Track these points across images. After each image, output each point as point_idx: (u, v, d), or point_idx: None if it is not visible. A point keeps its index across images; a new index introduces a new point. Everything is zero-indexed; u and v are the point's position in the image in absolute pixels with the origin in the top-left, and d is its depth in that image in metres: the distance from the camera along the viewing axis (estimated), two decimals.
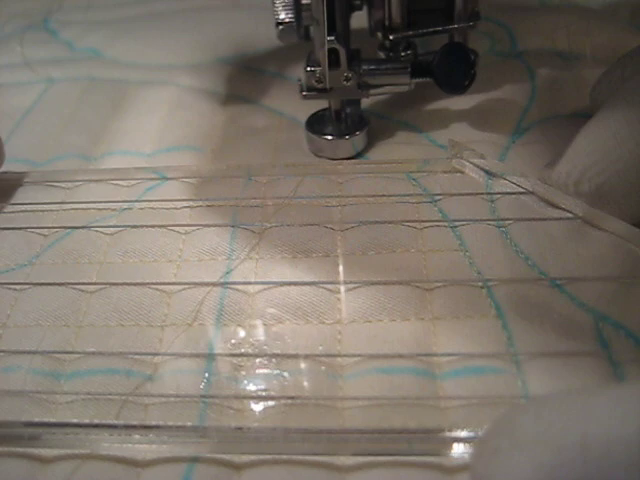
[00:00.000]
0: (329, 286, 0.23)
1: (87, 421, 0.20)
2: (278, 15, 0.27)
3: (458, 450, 0.18)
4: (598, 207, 0.23)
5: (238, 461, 0.19)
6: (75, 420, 0.20)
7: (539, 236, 0.24)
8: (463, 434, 0.18)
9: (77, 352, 0.22)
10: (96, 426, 0.20)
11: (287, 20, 0.27)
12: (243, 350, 0.21)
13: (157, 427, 0.20)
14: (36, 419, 0.20)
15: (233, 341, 0.22)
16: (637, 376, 0.19)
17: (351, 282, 0.23)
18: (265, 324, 0.22)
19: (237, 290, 0.23)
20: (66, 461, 0.19)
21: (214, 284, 0.23)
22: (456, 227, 0.24)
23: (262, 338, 0.22)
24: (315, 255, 0.24)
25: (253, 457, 0.19)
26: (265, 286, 0.23)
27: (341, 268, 0.24)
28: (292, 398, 0.20)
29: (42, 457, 0.20)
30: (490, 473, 0.15)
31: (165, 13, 0.42)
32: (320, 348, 0.21)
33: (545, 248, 0.23)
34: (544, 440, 0.14)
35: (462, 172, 0.27)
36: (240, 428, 0.19)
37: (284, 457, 0.19)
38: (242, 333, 0.22)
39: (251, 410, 0.20)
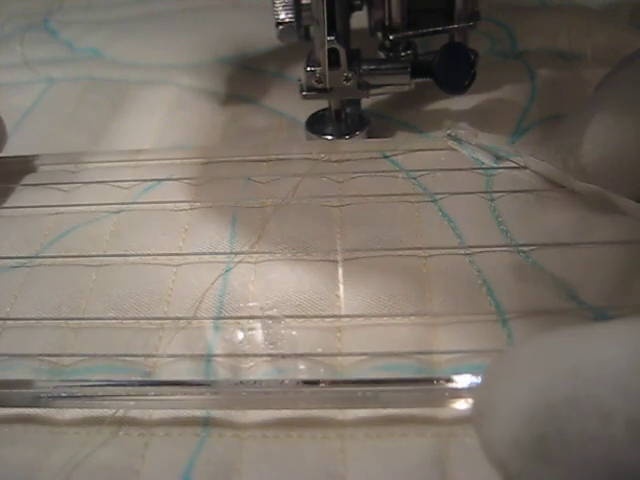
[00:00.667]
0: (329, 285, 0.23)
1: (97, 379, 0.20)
2: (278, 15, 0.27)
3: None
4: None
5: (239, 460, 0.19)
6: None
7: (530, 214, 0.24)
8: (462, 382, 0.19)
9: (77, 355, 0.22)
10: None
11: (287, 20, 0.27)
12: (243, 350, 0.21)
13: (166, 383, 0.20)
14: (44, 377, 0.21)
15: (233, 340, 0.22)
16: None
17: (351, 282, 0.23)
18: (264, 323, 0.22)
19: (237, 289, 0.23)
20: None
21: (214, 284, 0.23)
22: (457, 227, 0.24)
23: (261, 337, 0.22)
24: (315, 254, 0.24)
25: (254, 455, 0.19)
26: (265, 285, 0.23)
27: (341, 267, 0.23)
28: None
29: (55, 421, 0.20)
30: (491, 398, 0.16)
31: (165, 13, 0.42)
32: (319, 349, 0.21)
33: (537, 227, 0.24)
34: (541, 365, 0.15)
35: (456, 150, 0.27)
36: (242, 382, 0.20)
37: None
38: (241, 332, 0.22)
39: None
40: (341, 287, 0.23)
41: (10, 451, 0.20)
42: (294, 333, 0.22)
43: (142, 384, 0.20)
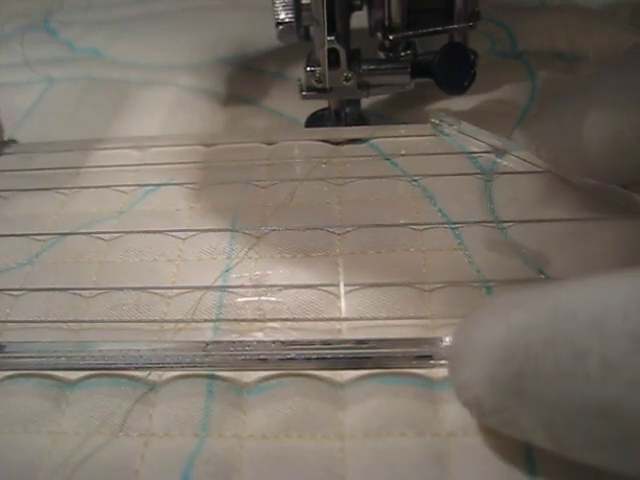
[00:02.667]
0: (328, 285, 0.23)
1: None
2: (278, 15, 0.27)
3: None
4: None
5: (239, 460, 0.19)
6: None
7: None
8: None
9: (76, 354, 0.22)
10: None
11: (287, 20, 0.27)
12: (242, 349, 0.21)
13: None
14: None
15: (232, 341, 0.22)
16: None
17: (351, 284, 0.23)
18: (264, 323, 0.22)
19: (236, 289, 0.23)
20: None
21: (213, 284, 0.23)
22: (457, 228, 0.24)
23: (261, 337, 0.22)
24: (315, 254, 0.24)
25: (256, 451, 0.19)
26: (264, 286, 0.23)
27: (341, 266, 0.24)
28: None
29: (64, 379, 0.21)
30: (468, 340, 0.16)
31: (165, 13, 0.42)
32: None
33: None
34: (519, 307, 0.16)
35: (445, 135, 0.28)
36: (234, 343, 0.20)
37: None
38: (241, 332, 0.22)
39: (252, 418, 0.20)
40: (341, 287, 0.23)
41: (10, 451, 0.20)
42: (294, 333, 0.22)
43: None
